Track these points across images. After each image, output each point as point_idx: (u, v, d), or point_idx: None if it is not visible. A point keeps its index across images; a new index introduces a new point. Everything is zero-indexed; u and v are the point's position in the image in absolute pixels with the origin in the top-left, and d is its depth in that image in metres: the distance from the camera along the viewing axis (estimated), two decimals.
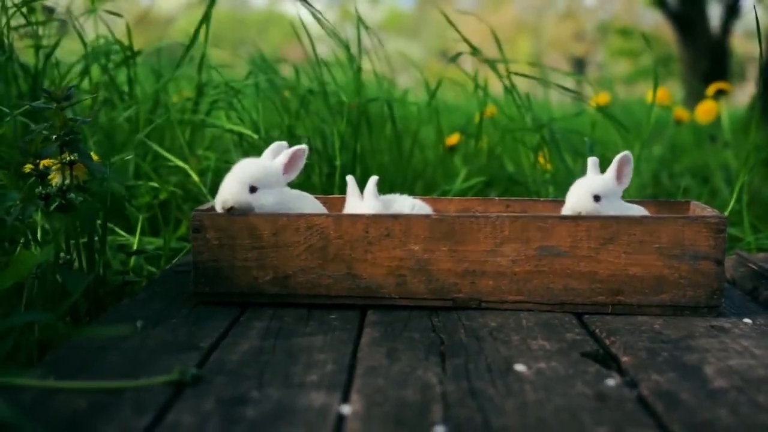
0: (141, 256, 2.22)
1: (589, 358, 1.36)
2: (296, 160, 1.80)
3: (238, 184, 1.71)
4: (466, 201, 2.04)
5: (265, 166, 1.77)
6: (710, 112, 3.94)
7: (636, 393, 1.20)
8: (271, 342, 1.44)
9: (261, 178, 1.73)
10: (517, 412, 1.12)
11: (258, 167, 1.75)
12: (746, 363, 1.33)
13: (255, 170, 1.74)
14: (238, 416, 1.10)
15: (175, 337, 1.47)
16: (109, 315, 1.63)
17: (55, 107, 1.68)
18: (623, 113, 4.23)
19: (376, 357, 1.36)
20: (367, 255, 1.66)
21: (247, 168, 1.75)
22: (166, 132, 2.75)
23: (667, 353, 1.38)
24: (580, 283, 1.64)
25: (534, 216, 1.65)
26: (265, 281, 1.68)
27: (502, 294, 1.66)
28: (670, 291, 1.63)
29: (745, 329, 1.54)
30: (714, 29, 9.28)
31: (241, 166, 1.75)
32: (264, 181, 1.74)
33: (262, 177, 1.74)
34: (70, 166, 1.72)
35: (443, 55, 14.83)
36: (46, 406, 1.12)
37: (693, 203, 1.92)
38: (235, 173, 1.74)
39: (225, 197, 1.71)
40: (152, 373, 1.25)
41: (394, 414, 1.11)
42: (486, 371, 1.28)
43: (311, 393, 1.18)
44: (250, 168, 1.75)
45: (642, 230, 1.61)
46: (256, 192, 1.72)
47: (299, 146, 1.80)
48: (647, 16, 17.14)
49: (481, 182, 2.93)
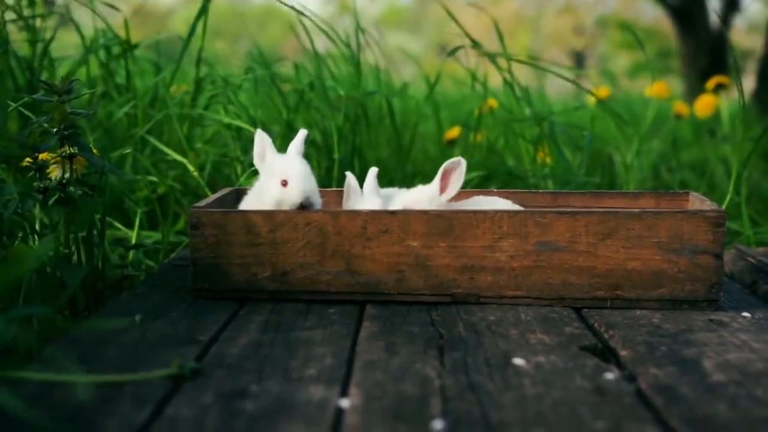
0: (140, 250, 2.22)
1: (588, 352, 1.36)
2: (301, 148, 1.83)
3: (315, 184, 1.74)
4: (464, 193, 2.03)
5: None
6: (709, 107, 3.93)
7: (634, 387, 1.20)
8: (270, 336, 1.44)
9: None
10: (516, 406, 1.12)
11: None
12: (745, 357, 1.33)
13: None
14: (237, 410, 1.10)
15: (175, 330, 1.47)
16: (108, 309, 1.63)
17: (56, 100, 1.67)
18: (623, 107, 4.22)
19: (375, 351, 1.36)
20: (366, 251, 1.66)
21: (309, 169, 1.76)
22: (165, 126, 2.75)
23: (666, 347, 1.39)
24: (579, 278, 1.64)
25: (532, 211, 1.65)
26: (263, 278, 1.68)
27: (501, 289, 1.66)
28: (668, 285, 1.63)
29: (744, 323, 1.54)
30: (714, 23, 9.27)
31: (304, 167, 1.75)
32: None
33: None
34: (69, 159, 1.72)
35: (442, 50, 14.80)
36: (46, 400, 1.12)
37: (692, 194, 1.92)
38: (308, 171, 1.75)
39: (308, 193, 1.71)
40: (151, 366, 1.25)
41: (392, 408, 1.11)
42: (485, 365, 1.29)
43: (310, 387, 1.18)
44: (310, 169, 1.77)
45: (641, 225, 1.61)
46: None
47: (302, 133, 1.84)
48: (647, 10, 17.11)
49: (480, 176, 2.92)
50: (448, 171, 1.74)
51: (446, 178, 1.74)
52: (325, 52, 3.13)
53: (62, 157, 1.71)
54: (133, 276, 2.02)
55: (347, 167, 2.66)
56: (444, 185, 1.75)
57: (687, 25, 9.02)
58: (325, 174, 2.72)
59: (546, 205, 1.98)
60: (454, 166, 1.73)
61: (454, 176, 1.74)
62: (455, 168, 1.73)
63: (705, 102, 3.95)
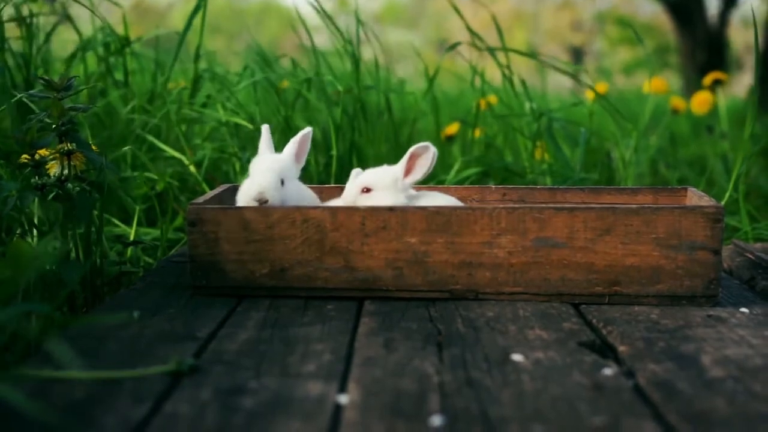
0: (138, 247, 2.22)
1: (587, 348, 1.36)
2: (304, 145, 1.82)
3: (274, 177, 1.72)
4: (463, 190, 2.04)
5: (287, 159, 1.79)
6: (706, 103, 3.93)
7: (633, 382, 1.20)
8: (269, 332, 1.44)
9: (286, 171, 1.76)
10: (514, 402, 1.12)
11: (285, 160, 1.78)
12: (743, 352, 1.33)
13: (284, 163, 1.76)
14: (235, 406, 1.10)
15: (173, 327, 1.47)
16: (106, 305, 1.63)
17: (53, 96, 1.67)
18: (621, 103, 4.22)
19: (374, 347, 1.36)
20: (364, 247, 1.66)
21: (278, 161, 1.76)
22: (163, 123, 2.75)
23: (664, 343, 1.39)
24: (577, 274, 1.64)
25: (530, 207, 1.65)
26: (262, 274, 1.68)
27: (499, 285, 1.66)
28: (667, 281, 1.63)
29: (742, 319, 1.55)
30: (711, 19, 9.27)
31: (272, 159, 1.76)
32: (289, 173, 1.77)
33: (287, 170, 1.76)
34: (68, 156, 1.71)
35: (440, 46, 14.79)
36: (44, 396, 1.12)
37: (690, 190, 1.92)
38: (268, 166, 1.74)
39: (263, 190, 1.70)
40: (150, 363, 1.25)
41: (391, 404, 1.11)
42: (483, 361, 1.29)
43: (308, 383, 1.19)
44: (280, 161, 1.76)
45: (639, 221, 1.61)
46: (283, 185, 1.73)
47: (304, 131, 1.82)
48: (645, 6, 17.10)
49: (477, 172, 2.92)
50: (415, 155, 1.74)
51: (412, 162, 1.75)
52: (323, 47, 3.13)
53: (60, 153, 1.71)
54: (132, 273, 2.02)
55: (345, 163, 2.67)
56: (409, 168, 1.75)
57: (685, 21, 9.02)
58: (323, 170, 2.72)
59: (544, 201, 1.98)
60: (421, 152, 1.74)
61: (421, 161, 1.74)
62: (423, 153, 1.74)
63: (701, 99, 3.94)
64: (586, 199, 1.97)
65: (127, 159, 2.55)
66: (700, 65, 8.42)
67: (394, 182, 1.75)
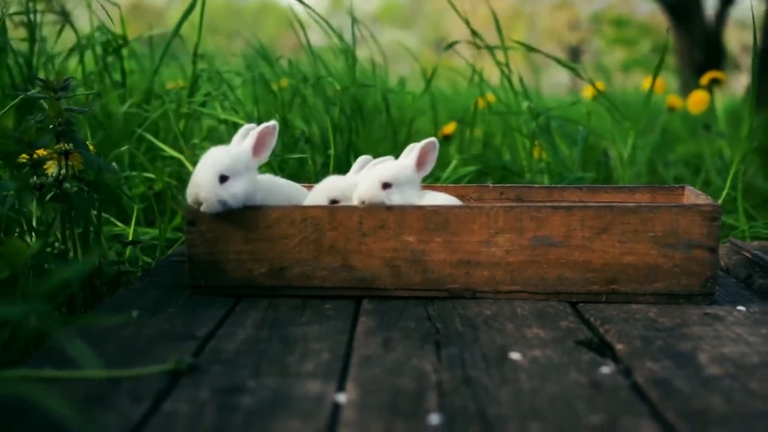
0: (136, 247, 2.22)
1: (584, 346, 1.37)
2: (265, 139, 1.72)
3: (208, 175, 1.64)
4: (460, 188, 2.04)
5: (233, 151, 1.68)
6: (702, 102, 3.93)
7: (630, 381, 1.21)
8: (267, 331, 1.44)
9: (231, 166, 1.65)
10: (512, 400, 1.12)
11: (226, 154, 1.67)
12: (740, 350, 1.34)
13: (223, 158, 1.66)
14: (234, 405, 1.10)
15: (172, 326, 1.48)
16: (105, 305, 1.63)
17: (51, 96, 1.67)
18: (618, 102, 4.22)
19: (372, 346, 1.36)
20: (362, 246, 1.66)
21: (214, 156, 1.66)
22: (161, 122, 2.75)
23: (662, 341, 1.39)
24: (574, 273, 1.65)
25: (528, 206, 1.65)
26: (260, 274, 1.68)
27: (497, 284, 1.66)
28: (664, 279, 1.63)
29: (739, 317, 1.55)
30: (708, 18, 9.28)
31: (208, 155, 1.68)
32: (234, 169, 1.65)
33: (231, 164, 1.65)
34: (65, 156, 1.72)
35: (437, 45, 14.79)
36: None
37: (687, 188, 1.92)
38: (204, 163, 1.66)
39: (194, 191, 1.65)
40: (148, 362, 1.25)
41: (389, 402, 1.11)
42: (481, 359, 1.29)
43: (307, 382, 1.19)
44: (217, 156, 1.66)
45: (636, 219, 1.62)
46: (227, 181, 1.64)
47: (266, 124, 1.72)
48: (642, 6, 17.11)
49: (474, 171, 2.93)
50: (425, 151, 1.75)
51: (423, 157, 1.75)
52: (320, 46, 3.13)
53: (58, 153, 1.71)
54: (130, 272, 2.02)
55: (343, 163, 2.67)
56: (421, 162, 1.75)
57: (682, 21, 9.03)
58: (321, 170, 2.72)
59: (541, 200, 1.99)
60: (430, 147, 1.75)
61: (429, 157, 1.76)
62: (431, 149, 1.75)
63: (698, 98, 3.95)
64: (584, 198, 1.98)
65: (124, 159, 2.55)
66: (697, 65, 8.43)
67: (412, 177, 1.75)
